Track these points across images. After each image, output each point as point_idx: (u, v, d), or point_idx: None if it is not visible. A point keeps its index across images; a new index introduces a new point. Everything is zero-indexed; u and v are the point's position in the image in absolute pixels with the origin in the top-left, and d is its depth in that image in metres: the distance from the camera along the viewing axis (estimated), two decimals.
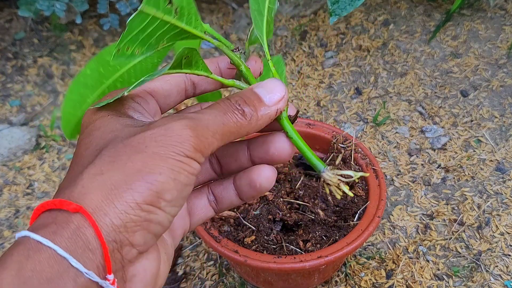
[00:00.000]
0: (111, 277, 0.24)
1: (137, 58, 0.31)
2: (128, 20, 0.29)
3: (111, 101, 0.29)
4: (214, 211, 0.34)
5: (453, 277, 0.76)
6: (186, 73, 0.31)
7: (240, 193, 0.33)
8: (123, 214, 0.24)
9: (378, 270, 0.77)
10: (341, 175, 0.31)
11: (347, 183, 0.31)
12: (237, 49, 0.33)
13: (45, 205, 0.25)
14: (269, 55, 0.33)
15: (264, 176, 0.32)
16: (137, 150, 0.26)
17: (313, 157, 0.31)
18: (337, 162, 0.32)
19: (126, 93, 0.28)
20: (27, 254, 0.23)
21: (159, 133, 0.26)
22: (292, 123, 0.32)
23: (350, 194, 0.31)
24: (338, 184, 0.31)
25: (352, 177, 0.30)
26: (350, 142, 0.72)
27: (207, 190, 0.34)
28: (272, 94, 0.30)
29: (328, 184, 0.31)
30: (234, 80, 0.33)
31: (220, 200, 0.34)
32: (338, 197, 0.30)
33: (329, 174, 0.31)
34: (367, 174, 0.32)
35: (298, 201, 0.68)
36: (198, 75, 0.31)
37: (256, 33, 0.33)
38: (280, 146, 0.32)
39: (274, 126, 0.32)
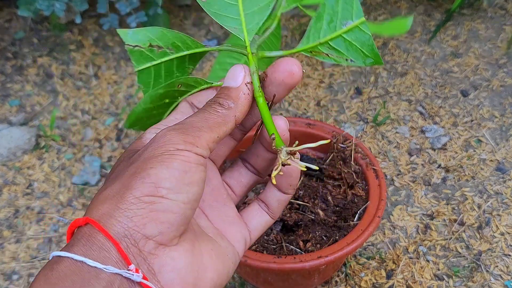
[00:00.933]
0: (132, 267, 0.26)
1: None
2: (137, 81, 0.34)
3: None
4: (268, 214, 0.37)
5: (453, 277, 0.76)
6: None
7: (279, 187, 0.35)
8: (127, 211, 0.27)
9: (378, 270, 0.77)
10: (290, 152, 0.33)
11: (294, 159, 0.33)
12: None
13: (69, 231, 0.28)
14: (250, 48, 0.34)
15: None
16: (132, 162, 0.29)
17: (275, 133, 0.33)
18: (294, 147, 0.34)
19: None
20: (51, 267, 0.26)
21: (149, 145, 0.29)
22: (270, 106, 0.34)
23: (302, 167, 0.32)
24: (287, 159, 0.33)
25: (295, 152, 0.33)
26: (350, 142, 0.72)
27: (256, 199, 0.37)
28: (235, 76, 0.33)
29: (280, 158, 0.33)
30: None
31: (268, 202, 0.36)
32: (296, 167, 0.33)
33: (284, 152, 0.33)
34: (318, 144, 0.33)
35: (298, 201, 0.67)
36: (205, 89, 0.35)
37: (231, 30, 0.34)
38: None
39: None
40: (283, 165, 0.32)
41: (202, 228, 0.32)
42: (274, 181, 0.33)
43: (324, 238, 0.65)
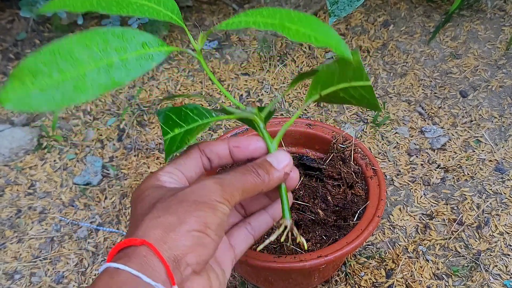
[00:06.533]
0: (175, 287, 0.32)
1: None
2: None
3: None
4: (253, 237, 0.45)
5: (453, 276, 0.77)
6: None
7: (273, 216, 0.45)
8: (177, 240, 0.33)
9: (378, 269, 0.78)
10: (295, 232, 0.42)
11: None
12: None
13: (118, 246, 0.33)
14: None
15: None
16: (182, 200, 0.35)
17: (287, 209, 0.42)
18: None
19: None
20: (111, 277, 0.31)
21: (196, 188, 0.36)
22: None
23: (305, 246, 0.44)
24: (295, 235, 0.43)
25: (295, 237, 0.42)
26: (350, 142, 0.72)
27: (245, 222, 0.45)
28: (280, 161, 0.40)
29: (284, 227, 0.42)
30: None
31: (257, 226, 0.45)
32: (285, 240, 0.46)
33: (290, 223, 0.42)
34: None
35: (298, 201, 0.68)
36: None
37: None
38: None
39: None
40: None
41: None
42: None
43: (324, 237, 0.66)
